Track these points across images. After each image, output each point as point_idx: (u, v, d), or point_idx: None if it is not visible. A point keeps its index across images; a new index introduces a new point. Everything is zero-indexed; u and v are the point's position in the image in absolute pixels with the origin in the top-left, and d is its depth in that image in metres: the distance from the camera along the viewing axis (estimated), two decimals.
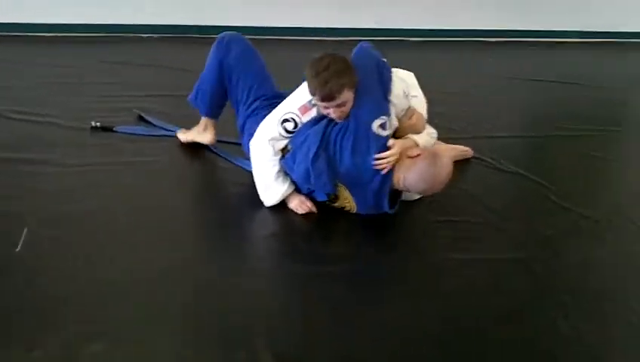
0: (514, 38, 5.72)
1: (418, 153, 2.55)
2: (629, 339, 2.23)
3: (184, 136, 3.31)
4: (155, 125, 3.47)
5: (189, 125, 3.35)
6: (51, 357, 1.95)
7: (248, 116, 2.92)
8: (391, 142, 2.56)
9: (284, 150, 2.70)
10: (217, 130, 3.21)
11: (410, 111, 2.64)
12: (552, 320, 2.21)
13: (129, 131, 3.37)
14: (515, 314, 2.28)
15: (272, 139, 2.67)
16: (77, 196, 2.81)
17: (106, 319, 2.13)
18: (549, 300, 2.29)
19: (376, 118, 2.55)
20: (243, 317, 2.20)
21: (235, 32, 3.06)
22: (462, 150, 3.26)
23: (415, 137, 2.64)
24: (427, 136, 2.71)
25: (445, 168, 2.55)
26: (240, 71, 2.96)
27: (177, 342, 2.08)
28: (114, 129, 3.38)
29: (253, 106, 2.92)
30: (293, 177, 2.73)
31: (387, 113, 2.57)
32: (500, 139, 3.33)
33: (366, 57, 2.65)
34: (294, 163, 2.66)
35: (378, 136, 2.55)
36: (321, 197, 2.75)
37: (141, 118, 3.52)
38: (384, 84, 2.58)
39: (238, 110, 3.01)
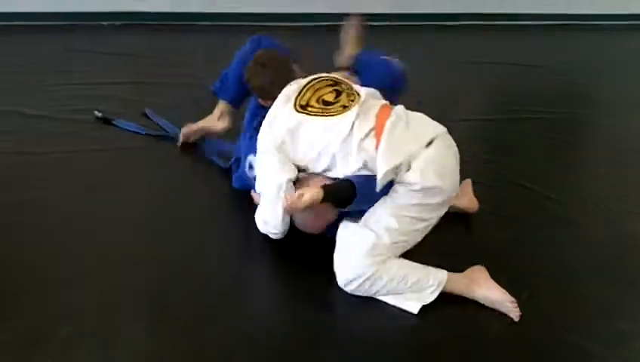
0: (475, 22, 5.77)
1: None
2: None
3: (194, 126, 3.15)
4: (159, 125, 3.35)
5: (158, 111, 3.35)
6: (20, 342, 1.97)
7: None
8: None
9: None
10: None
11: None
12: (517, 298, 2.24)
13: (128, 128, 3.28)
14: None
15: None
16: (40, 183, 2.81)
17: (71, 304, 2.14)
18: (513, 280, 2.33)
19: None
20: (213, 299, 2.23)
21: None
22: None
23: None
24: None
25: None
26: None
27: (146, 325, 2.09)
28: (113, 122, 3.32)
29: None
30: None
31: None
32: (462, 122, 3.38)
33: None
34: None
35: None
36: None
37: (145, 116, 3.42)
38: None
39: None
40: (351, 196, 2.27)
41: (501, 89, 4.42)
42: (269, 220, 2.40)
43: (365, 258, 2.21)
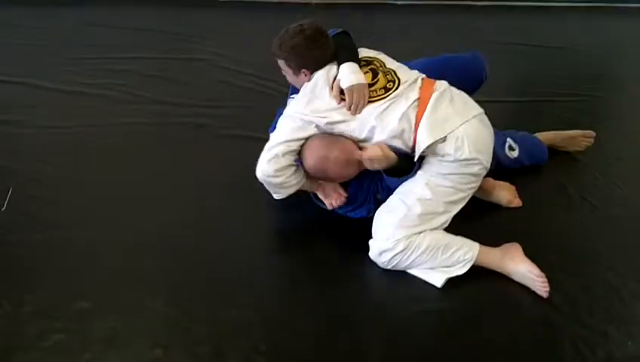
0: (500, 2, 5.66)
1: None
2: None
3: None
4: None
5: (175, 87, 3.33)
6: (40, 312, 2.01)
7: None
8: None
9: None
10: None
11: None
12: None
13: None
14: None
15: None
16: (57, 158, 2.81)
17: (91, 279, 2.16)
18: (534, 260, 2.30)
19: None
20: (228, 277, 2.23)
21: None
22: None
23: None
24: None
25: (334, 160, 2.31)
26: None
27: (162, 302, 2.10)
28: None
29: None
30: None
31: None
32: (483, 103, 3.32)
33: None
34: None
35: None
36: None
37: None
38: None
39: None
40: (407, 170, 2.31)
41: (527, 71, 4.34)
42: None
43: (397, 229, 2.22)
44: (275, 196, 2.43)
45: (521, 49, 4.64)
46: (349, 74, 2.28)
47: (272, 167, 2.30)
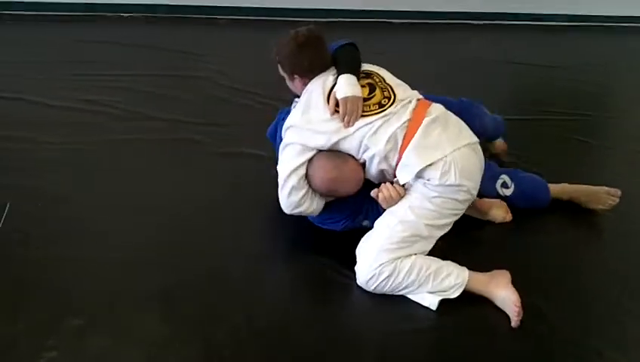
0: (499, 21, 5.70)
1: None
2: None
3: None
4: None
5: (172, 104, 3.34)
6: (33, 329, 1.99)
7: None
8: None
9: None
10: None
11: None
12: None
13: None
14: None
15: None
16: (53, 174, 2.81)
17: (82, 296, 2.15)
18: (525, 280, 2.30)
19: None
20: (221, 296, 2.22)
21: None
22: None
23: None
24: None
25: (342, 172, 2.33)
26: None
27: (155, 319, 2.09)
28: None
29: None
30: None
31: None
32: None
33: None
34: None
35: None
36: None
37: None
38: None
39: None
40: None
41: (522, 89, 4.36)
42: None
43: (380, 253, 2.20)
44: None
45: (518, 67, 4.67)
46: (345, 85, 2.29)
47: (293, 199, 2.36)
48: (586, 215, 2.80)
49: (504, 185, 2.72)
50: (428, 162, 2.20)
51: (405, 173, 2.25)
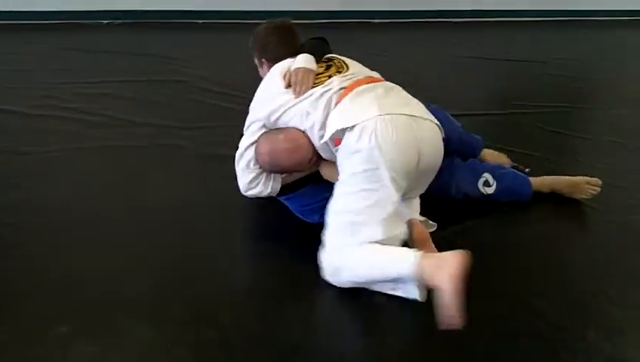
0: (475, 18, 5.75)
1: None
2: None
3: None
4: None
5: (154, 109, 3.33)
6: (19, 337, 1.97)
7: None
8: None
9: None
10: None
11: None
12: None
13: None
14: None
15: None
16: (38, 183, 2.80)
17: (69, 304, 2.12)
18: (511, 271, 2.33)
19: None
20: (210, 297, 2.21)
21: None
22: None
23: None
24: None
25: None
26: None
27: (144, 325, 2.07)
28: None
29: None
30: None
31: None
32: (462, 117, 3.36)
33: None
34: None
35: None
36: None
37: None
38: None
39: None
40: None
41: (505, 84, 4.40)
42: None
43: (327, 249, 2.16)
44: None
45: (497, 63, 4.72)
46: (301, 60, 2.39)
47: (244, 180, 2.51)
48: (568, 206, 2.82)
49: (486, 183, 2.74)
50: (348, 124, 2.10)
51: (325, 135, 2.22)
